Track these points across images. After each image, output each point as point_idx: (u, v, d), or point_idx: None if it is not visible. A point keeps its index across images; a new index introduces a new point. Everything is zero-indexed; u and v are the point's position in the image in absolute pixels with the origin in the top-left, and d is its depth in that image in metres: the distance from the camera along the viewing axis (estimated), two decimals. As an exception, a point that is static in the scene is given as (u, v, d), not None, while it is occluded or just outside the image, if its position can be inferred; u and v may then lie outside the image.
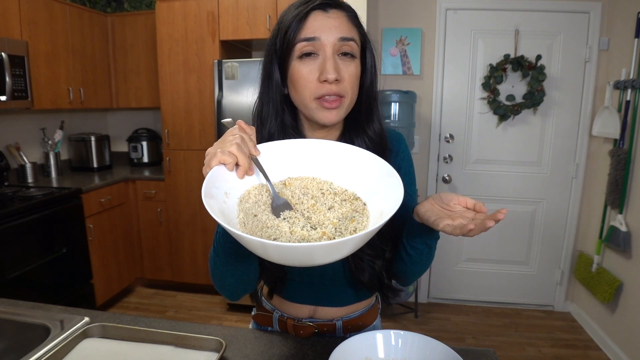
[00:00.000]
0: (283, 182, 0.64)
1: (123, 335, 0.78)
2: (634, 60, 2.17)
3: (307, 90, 0.70)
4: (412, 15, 2.61)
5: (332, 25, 0.68)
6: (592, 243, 2.51)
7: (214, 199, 0.55)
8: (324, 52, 0.68)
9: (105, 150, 3.10)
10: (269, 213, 0.58)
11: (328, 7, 0.69)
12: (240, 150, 0.57)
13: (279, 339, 0.81)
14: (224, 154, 0.56)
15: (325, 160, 0.66)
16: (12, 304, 0.93)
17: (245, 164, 0.58)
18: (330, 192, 0.63)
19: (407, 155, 0.84)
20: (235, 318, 2.66)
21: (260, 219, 0.57)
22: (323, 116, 0.71)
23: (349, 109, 0.73)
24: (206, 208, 0.49)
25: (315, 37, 0.68)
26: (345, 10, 0.71)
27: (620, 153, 2.21)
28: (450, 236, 0.61)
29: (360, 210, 0.59)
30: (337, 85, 0.69)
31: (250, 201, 0.59)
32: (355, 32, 0.71)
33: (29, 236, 2.07)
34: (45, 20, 2.44)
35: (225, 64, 2.49)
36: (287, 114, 0.77)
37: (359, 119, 0.77)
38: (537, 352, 2.30)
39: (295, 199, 0.61)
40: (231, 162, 0.56)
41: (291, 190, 0.63)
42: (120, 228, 2.80)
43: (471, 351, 0.77)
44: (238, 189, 0.60)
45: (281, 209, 0.58)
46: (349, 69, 0.70)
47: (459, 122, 2.69)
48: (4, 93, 2.13)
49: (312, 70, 0.69)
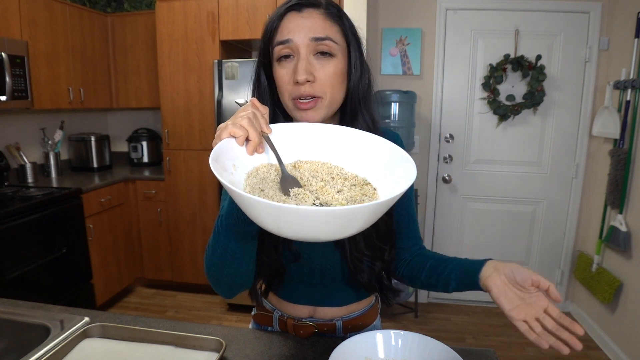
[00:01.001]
0: (293, 164, 0.63)
1: (123, 335, 0.78)
2: (634, 60, 2.17)
3: (285, 91, 0.70)
4: (412, 15, 2.61)
5: (305, 25, 0.67)
6: (592, 243, 2.51)
7: (222, 167, 0.53)
8: (299, 53, 0.68)
9: (105, 150, 3.10)
10: (276, 190, 0.57)
11: (302, 7, 0.68)
12: (252, 124, 0.57)
13: (279, 339, 0.81)
14: (235, 127, 0.56)
15: (337, 145, 0.65)
16: (12, 304, 0.93)
17: (256, 138, 0.57)
18: (341, 177, 0.62)
19: None
20: (235, 318, 2.66)
21: (267, 194, 0.55)
22: (301, 117, 0.71)
23: (331, 109, 0.72)
24: (214, 172, 0.48)
25: (289, 39, 0.67)
26: (321, 8, 0.69)
27: (620, 153, 2.21)
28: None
29: (370, 194, 0.58)
30: (310, 86, 0.68)
31: (258, 177, 0.58)
32: (334, 30, 0.69)
33: (29, 236, 2.07)
34: (45, 20, 2.44)
35: (225, 64, 2.49)
36: (280, 117, 0.77)
37: (349, 118, 0.76)
38: (537, 352, 2.30)
39: (304, 180, 0.60)
40: (242, 135, 0.56)
41: (300, 173, 0.61)
42: (120, 228, 2.80)
43: (471, 351, 0.77)
44: (247, 165, 0.59)
45: (290, 185, 0.57)
46: (325, 69, 0.68)
47: (459, 122, 2.69)
48: (4, 93, 2.13)
49: (288, 72, 0.69)
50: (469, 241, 2.81)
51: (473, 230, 2.80)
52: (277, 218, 0.45)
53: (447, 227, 2.80)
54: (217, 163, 0.52)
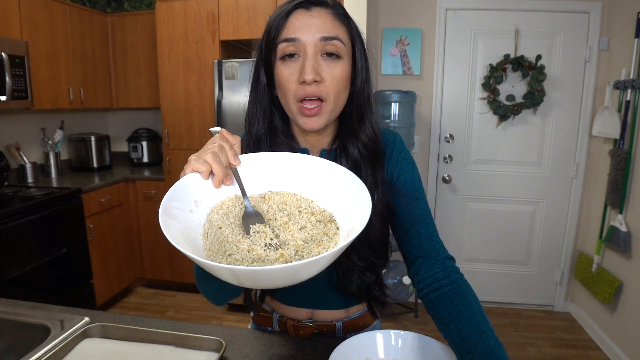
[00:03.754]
0: (263, 195, 0.62)
1: (123, 335, 0.78)
2: (634, 60, 2.17)
3: (288, 92, 0.67)
4: (412, 15, 2.61)
5: (314, 24, 0.65)
6: (592, 243, 2.51)
7: (176, 210, 0.54)
8: (305, 53, 0.65)
9: (105, 150, 3.10)
10: (234, 227, 0.56)
11: (311, 5, 0.66)
12: (215, 158, 0.56)
13: (279, 339, 0.81)
14: (198, 162, 0.55)
15: (308, 176, 0.63)
16: (12, 304, 0.93)
17: (219, 172, 0.56)
18: (308, 211, 0.60)
19: (404, 155, 0.78)
20: (235, 318, 2.66)
21: (223, 232, 0.55)
22: (303, 122, 0.68)
23: (332, 114, 0.70)
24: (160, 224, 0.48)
25: (296, 37, 0.65)
26: (330, 7, 0.67)
27: (620, 153, 2.21)
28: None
29: (331, 235, 0.56)
30: (317, 86, 0.65)
31: (221, 212, 0.58)
32: (341, 30, 0.67)
33: (29, 236, 2.07)
34: (45, 20, 2.44)
35: (225, 64, 2.49)
36: (277, 118, 0.75)
37: (351, 124, 0.73)
38: (537, 352, 2.30)
39: (270, 214, 0.59)
40: (204, 170, 0.55)
41: (268, 205, 0.60)
42: (120, 228, 2.80)
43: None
44: (213, 198, 0.59)
45: (252, 221, 0.56)
46: (332, 70, 0.66)
47: (459, 122, 2.69)
48: (4, 93, 2.13)
49: (293, 72, 0.66)
50: (469, 241, 2.81)
51: (473, 230, 2.80)
52: (221, 275, 0.45)
53: (447, 227, 2.80)
54: (168, 209, 0.52)
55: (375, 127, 0.74)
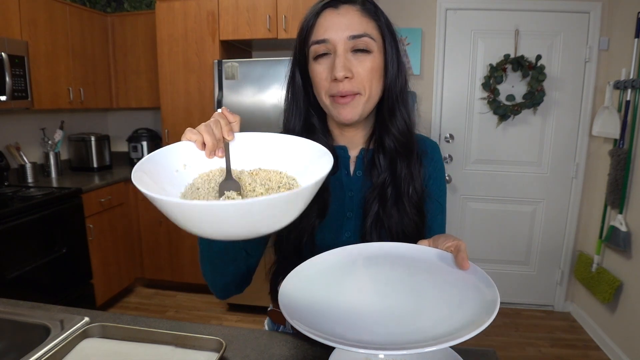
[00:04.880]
0: (250, 171, 0.64)
1: (123, 335, 0.78)
2: (634, 60, 2.17)
3: (321, 88, 0.71)
4: (412, 15, 2.61)
5: (342, 23, 0.67)
6: (592, 243, 2.51)
7: (159, 166, 0.57)
8: (335, 51, 0.68)
9: (105, 150, 3.10)
10: (210, 190, 0.58)
11: (339, 4, 0.68)
12: (208, 130, 0.59)
13: (279, 339, 0.81)
14: (192, 132, 0.60)
15: (297, 157, 0.65)
16: (12, 304, 0.93)
17: (209, 142, 0.59)
18: (286, 187, 0.61)
19: (440, 164, 0.83)
20: (235, 318, 2.66)
21: (199, 193, 0.58)
22: (338, 113, 0.71)
23: (369, 105, 0.72)
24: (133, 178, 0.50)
25: (326, 38, 0.68)
26: (357, 4, 0.69)
27: (620, 153, 2.21)
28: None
29: None
30: (349, 82, 0.68)
31: (205, 178, 0.61)
32: (370, 26, 0.69)
33: (29, 236, 2.07)
34: (45, 20, 2.44)
35: (225, 64, 2.49)
36: (314, 117, 0.77)
37: (384, 117, 0.76)
38: (537, 352, 2.30)
39: (251, 187, 0.60)
40: (196, 139, 0.59)
41: (253, 179, 0.62)
42: (120, 228, 2.80)
43: (471, 351, 0.77)
44: (202, 167, 0.62)
45: (228, 187, 0.57)
46: (363, 64, 0.68)
47: (459, 122, 2.69)
48: (4, 93, 2.13)
49: (325, 69, 0.69)
50: (469, 241, 2.80)
51: (473, 230, 2.80)
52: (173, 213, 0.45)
53: (447, 227, 2.78)
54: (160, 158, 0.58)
55: (408, 122, 0.76)
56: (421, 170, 0.78)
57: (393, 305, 0.54)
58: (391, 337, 0.47)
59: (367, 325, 0.50)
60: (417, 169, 0.76)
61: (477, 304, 0.52)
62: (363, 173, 0.79)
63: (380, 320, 0.51)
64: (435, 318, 0.50)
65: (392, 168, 0.76)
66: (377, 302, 0.55)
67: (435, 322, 0.49)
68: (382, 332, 0.48)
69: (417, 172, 0.76)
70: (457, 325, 0.48)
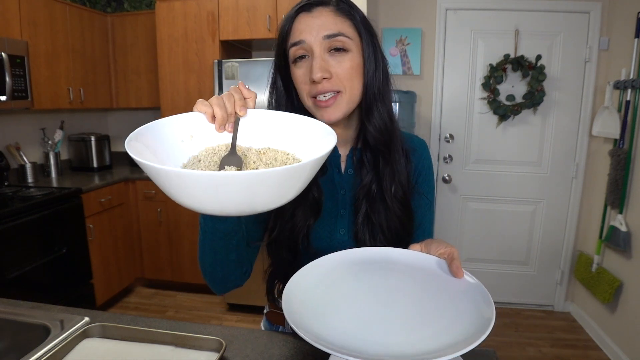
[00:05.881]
0: (259, 150, 0.63)
1: (123, 335, 0.78)
2: (634, 60, 2.17)
3: (303, 91, 0.71)
4: (412, 15, 2.61)
5: (316, 24, 0.68)
6: (592, 243, 2.51)
7: (166, 134, 0.57)
8: (312, 52, 0.68)
9: (105, 150, 3.10)
10: (212, 164, 0.57)
11: (312, 7, 0.69)
12: (219, 103, 0.58)
13: (279, 339, 0.81)
14: (202, 104, 0.59)
15: (309, 138, 0.64)
16: (12, 304, 0.93)
17: (219, 115, 0.58)
18: None
19: (428, 162, 0.84)
20: (235, 318, 2.66)
21: (199, 165, 0.57)
22: (321, 115, 0.71)
23: (351, 104, 0.72)
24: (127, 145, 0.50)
25: (301, 40, 0.68)
26: (331, 5, 0.70)
27: (620, 153, 2.21)
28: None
29: None
30: (328, 82, 0.68)
31: (210, 151, 0.60)
32: (346, 25, 0.69)
33: (29, 236, 2.07)
34: (45, 20, 2.44)
35: (225, 64, 2.49)
36: None
37: (361, 114, 0.76)
38: (537, 352, 2.30)
39: (254, 165, 0.60)
40: (206, 111, 0.58)
41: (259, 158, 0.61)
42: (120, 228, 2.80)
43: (471, 351, 0.77)
44: (210, 140, 0.61)
45: (228, 163, 0.56)
46: (342, 64, 0.69)
47: (459, 122, 2.69)
48: (4, 93, 2.13)
49: (304, 72, 0.70)
50: (469, 241, 2.81)
51: (473, 230, 2.80)
52: (170, 183, 0.45)
53: (447, 227, 2.80)
54: (155, 129, 0.57)
55: (387, 119, 0.75)
56: (408, 166, 0.79)
57: (392, 315, 0.54)
58: (390, 348, 0.47)
59: (367, 335, 0.50)
60: (402, 165, 0.77)
61: (473, 315, 0.52)
62: (354, 171, 0.80)
63: (380, 330, 0.51)
64: (433, 329, 0.51)
65: (374, 165, 0.77)
66: (380, 311, 0.56)
67: (434, 333, 0.50)
68: (382, 342, 0.49)
69: (403, 168, 0.77)
70: (456, 336, 0.49)
